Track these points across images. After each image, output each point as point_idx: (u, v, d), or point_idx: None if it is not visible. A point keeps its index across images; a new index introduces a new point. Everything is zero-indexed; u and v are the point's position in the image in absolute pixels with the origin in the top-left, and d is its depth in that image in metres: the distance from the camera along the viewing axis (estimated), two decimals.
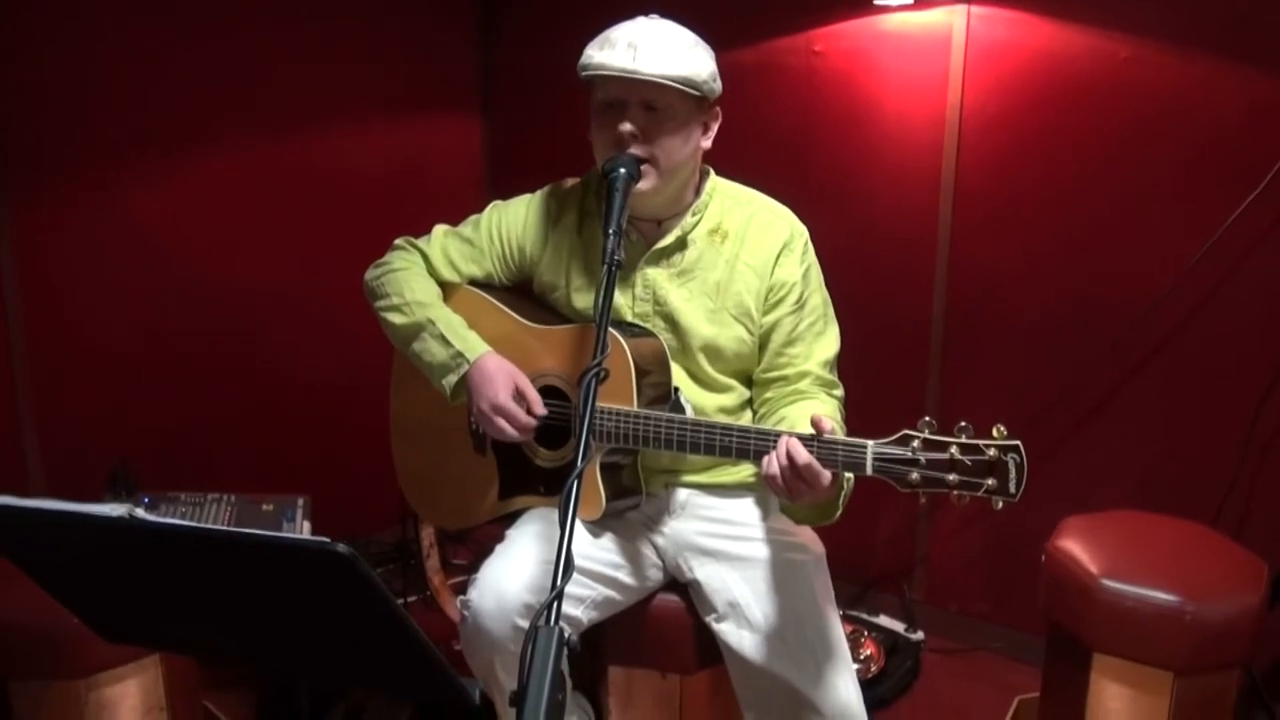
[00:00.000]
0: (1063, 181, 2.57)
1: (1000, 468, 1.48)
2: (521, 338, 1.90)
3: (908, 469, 1.52)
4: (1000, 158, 2.65)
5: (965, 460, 1.49)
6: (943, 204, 2.73)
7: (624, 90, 1.73)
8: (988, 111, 2.64)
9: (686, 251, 1.87)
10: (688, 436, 1.70)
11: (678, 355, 1.87)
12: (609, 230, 1.64)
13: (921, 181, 2.75)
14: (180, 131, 2.75)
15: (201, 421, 2.87)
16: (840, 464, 1.57)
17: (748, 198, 1.92)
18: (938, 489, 1.51)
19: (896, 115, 2.76)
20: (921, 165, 2.74)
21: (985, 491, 1.49)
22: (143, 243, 2.73)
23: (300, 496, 2.17)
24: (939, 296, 2.78)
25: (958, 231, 2.73)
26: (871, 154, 2.81)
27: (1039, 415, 2.65)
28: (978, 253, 2.72)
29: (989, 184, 2.68)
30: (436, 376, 1.87)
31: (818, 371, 1.87)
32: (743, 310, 1.86)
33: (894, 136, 2.77)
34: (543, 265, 1.95)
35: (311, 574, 1.26)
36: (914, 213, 2.78)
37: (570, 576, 1.29)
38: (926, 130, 2.72)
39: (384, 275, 1.97)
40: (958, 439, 1.50)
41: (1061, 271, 2.61)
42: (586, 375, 1.48)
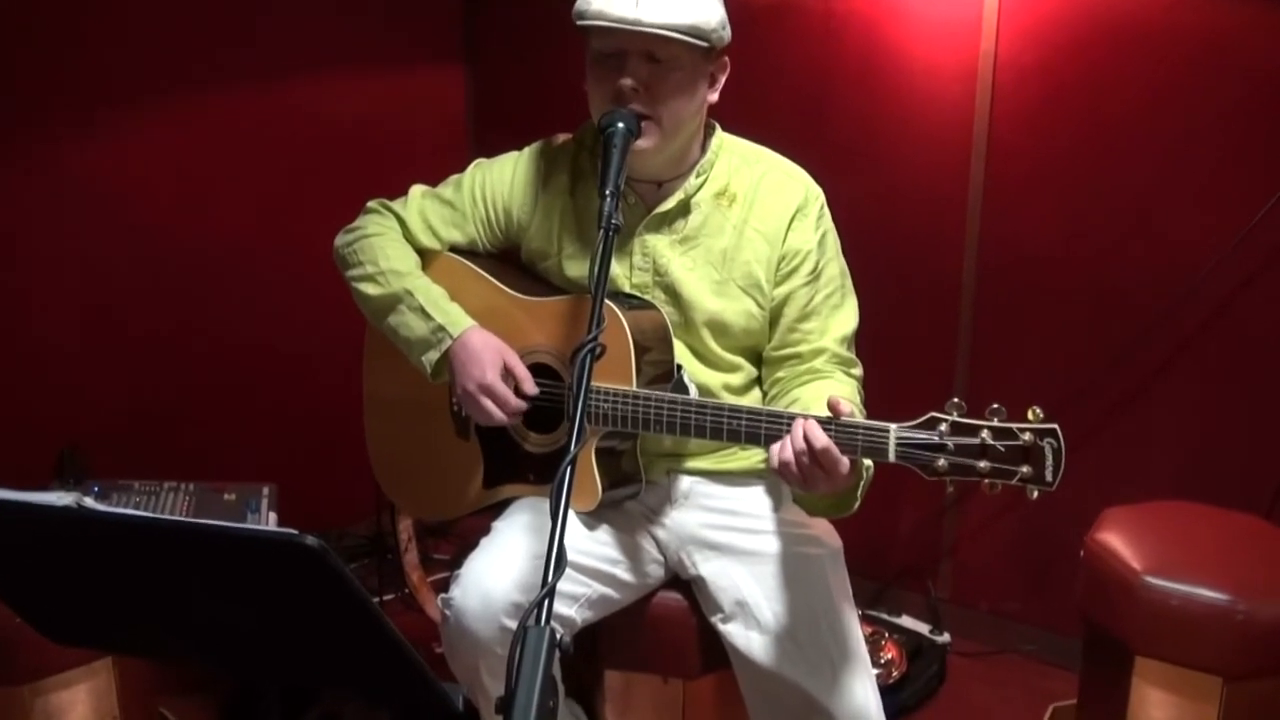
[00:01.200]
0: (1106, 138, 2.57)
1: (1036, 454, 1.48)
2: (508, 310, 1.89)
3: (934, 455, 1.52)
4: (1038, 111, 2.64)
5: (998, 446, 1.49)
6: (974, 163, 2.73)
7: (625, 41, 1.72)
8: (1024, 60, 2.63)
9: (690, 216, 1.87)
10: (692, 419, 1.70)
11: (680, 331, 1.87)
12: (606, 191, 1.64)
13: (950, 138, 2.74)
14: (129, 80, 2.73)
15: (156, 402, 2.87)
16: (860, 450, 1.57)
17: (757, 156, 1.91)
18: (967, 477, 1.51)
19: (923, 65, 2.75)
20: (951, 120, 2.73)
21: (1019, 480, 1.49)
22: (88, 204, 2.72)
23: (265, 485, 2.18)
24: (969, 266, 2.78)
25: (991, 194, 2.73)
26: (896, 108, 2.80)
27: (1078, 396, 2.65)
28: (1013, 217, 2.71)
29: (1025, 141, 2.67)
30: (415, 353, 1.87)
31: (834, 349, 1.87)
32: (751, 281, 1.86)
33: (920, 88, 2.76)
34: (531, 230, 1.95)
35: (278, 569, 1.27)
36: (942, 173, 2.77)
37: (563, 572, 1.29)
38: (956, 81, 2.71)
39: (356, 241, 1.96)
40: (989, 422, 1.50)
41: (1104, 238, 2.61)
42: (580, 351, 1.48)
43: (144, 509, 2.08)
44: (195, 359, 2.94)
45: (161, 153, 2.82)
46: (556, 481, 1.35)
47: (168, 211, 2.84)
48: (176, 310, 2.90)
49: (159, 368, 2.88)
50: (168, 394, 2.89)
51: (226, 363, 2.99)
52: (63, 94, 2.63)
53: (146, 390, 2.86)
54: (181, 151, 2.86)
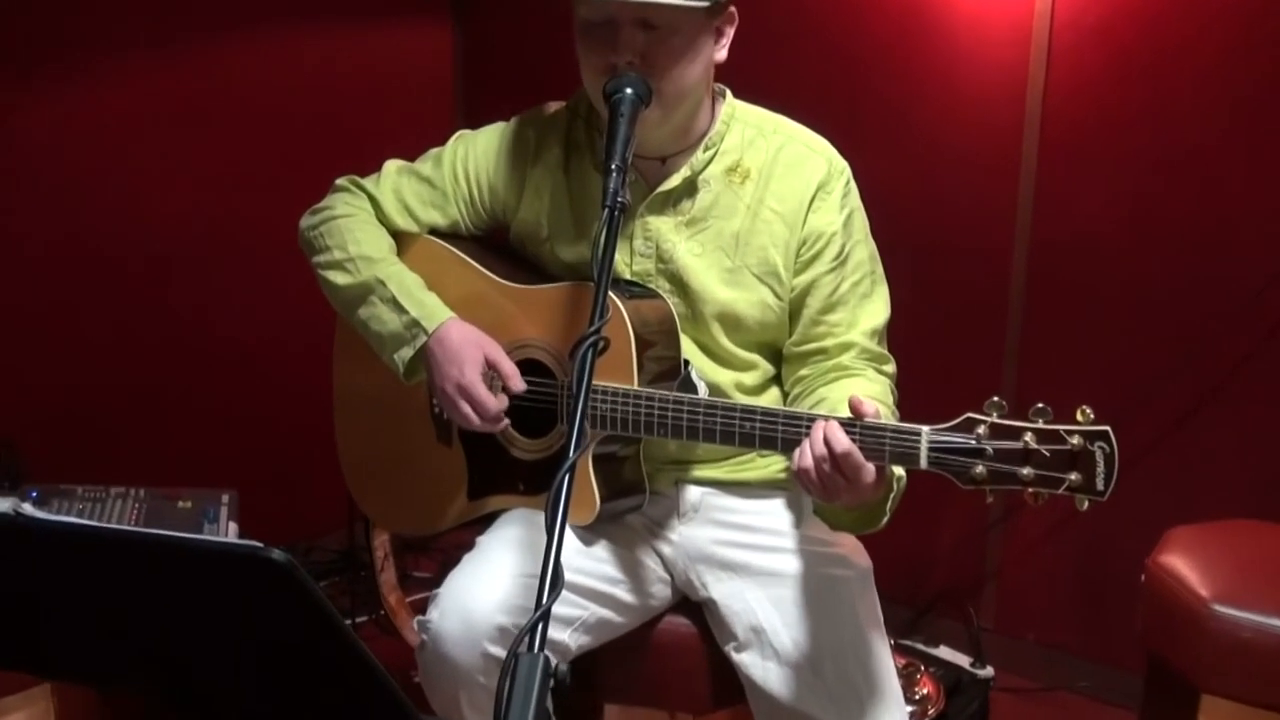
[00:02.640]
0: (1175, 107, 2.57)
1: (1085, 459, 1.48)
2: (495, 299, 1.90)
3: (971, 461, 1.52)
4: (1099, 77, 2.64)
5: (1042, 450, 1.50)
6: (1026, 136, 2.73)
7: (613, 9, 1.72)
8: (1085, 21, 2.63)
9: (697, 196, 1.88)
10: (700, 421, 1.70)
11: (687, 324, 1.87)
12: (612, 165, 1.64)
13: (1000, 107, 2.74)
14: (72, 41, 2.74)
15: (103, 399, 2.89)
16: (889, 455, 1.57)
17: (774, 126, 1.91)
18: (1008, 486, 1.52)
19: (969, 23, 2.75)
20: (1000, 87, 2.74)
21: (1067, 489, 1.49)
22: (26, 181, 2.73)
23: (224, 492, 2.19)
24: (1020, 251, 2.78)
25: (1045, 170, 2.73)
26: (937, 72, 2.80)
27: (1140, 399, 2.65)
28: (1069, 196, 2.72)
29: (1084, 110, 2.67)
30: (388, 349, 1.88)
31: (864, 343, 1.87)
32: (768, 268, 1.86)
33: (966, 50, 2.76)
34: (520, 211, 1.96)
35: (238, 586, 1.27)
36: (990, 146, 2.77)
37: (559, 594, 1.30)
38: (1007, 43, 2.71)
39: (323, 224, 1.97)
40: (1033, 424, 1.50)
41: (1172, 220, 2.61)
42: (581, 345, 1.47)
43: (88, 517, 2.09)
44: (145, 351, 2.96)
45: (111, 127, 2.83)
46: (553, 491, 1.35)
47: (118, 191, 2.86)
48: (126, 299, 2.91)
49: (107, 361, 2.90)
50: (115, 389, 2.91)
51: (180, 356, 3.01)
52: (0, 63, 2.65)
53: (92, 386, 2.88)
54: (133, 124, 2.87)
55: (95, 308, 2.87)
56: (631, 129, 1.69)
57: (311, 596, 1.25)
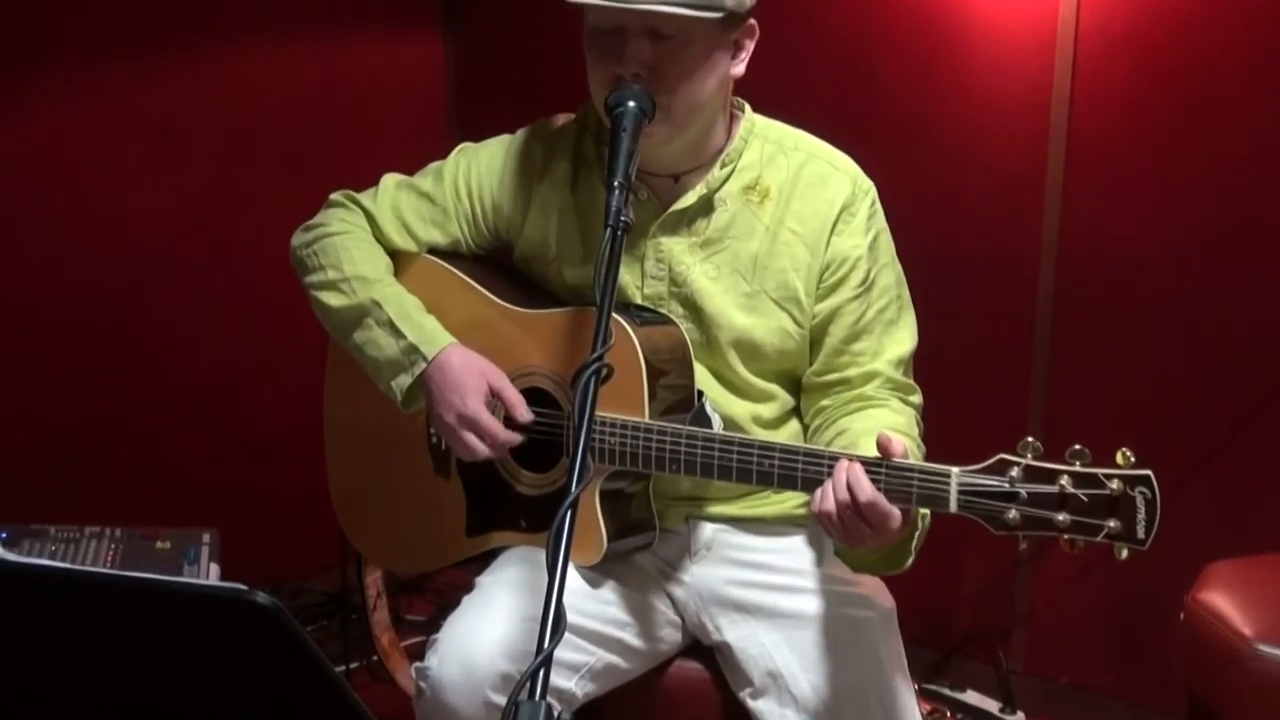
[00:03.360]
0: (1210, 116, 2.57)
1: (1126, 505, 1.49)
2: (498, 324, 1.90)
3: (1004, 506, 1.53)
4: (1128, 87, 2.64)
5: (1080, 495, 1.50)
6: (1052, 151, 2.73)
7: (621, 17, 1.72)
8: (1112, 26, 2.64)
9: (713, 215, 1.88)
10: (715, 457, 1.70)
11: (701, 351, 1.87)
12: (614, 183, 1.64)
13: (1023, 118, 2.75)
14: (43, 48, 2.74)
15: (76, 431, 2.89)
16: (916, 498, 1.57)
17: (794, 142, 1.91)
18: (1043, 532, 1.52)
19: (990, 30, 2.75)
20: (1024, 96, 2.74)
21: (1106, 536, 1.50)
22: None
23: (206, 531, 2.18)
24: (1046, 274, 2.78)
25: (1072, 188, 2.73)
26: (956, 82, 2.81)
27: (1176, 429, 2.64)
28: (1099, 215, 2.72)
29: (1114, 122, 2.67)
30: (385, 376, 1.88)
31: (888, 372, 1.88)
32: (787, 293, 1.86)
33: (987, 59, 2.77)
34: (526, 229, 1.96)
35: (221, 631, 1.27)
36: (1013, 159, 2.78)
37: (561, 637, 1.30)
38: (1030, 51, 2.71)
39: (316, 241, 1.98)
40: (1070, 466, 1.51)
41: (1208, 238, 2.61)
42: (583, 373, 1.48)
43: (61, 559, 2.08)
44: (122, 379, 2.95)
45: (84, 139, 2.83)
46: (554, 529, 1.35)
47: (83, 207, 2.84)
48: (101, 325, 2.91)
49: (77, 389, 2.89)
50: (88, 421, 2.90)
51: (159, 384, 3.01)
52: None
53: (64, 419, 2.87)
54: (108, 137, 2.86)
55: (68, 332, 2.87)
56: (634, 144, 1.69)
57: (299, 642, 1.24)
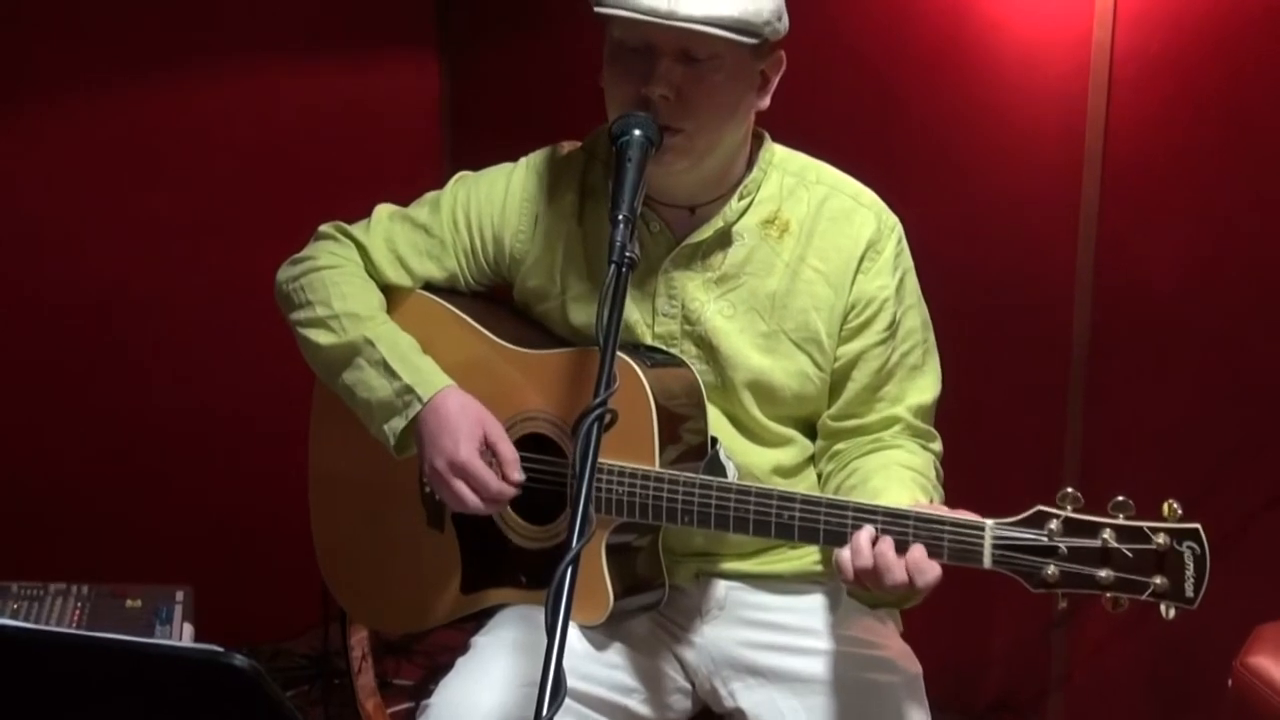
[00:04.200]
0: (1255, 145, 2.58)
1: (1173, 561, 1.49)
2: (497, 365, 1.90)
3: (1042, 561, 1.53)
4: (1168, 115, 2.66)
5: (1123, 550, 1.50)
6: (1086, 183, 2.74)
7: (655, 35, 1.73)
8: (1149, 48, 2.65)
9: (729, 249, 1.88)
10: (730, 508, 1.70)
11: (716, 394, 1.87)
12: (619, 215, 1.65)
13: (1056, 146, 2.76)
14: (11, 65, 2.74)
15: (39, 482, 2.88)
16: (947, 552, 1.58)
17: (816, 175, 1.92)
18: (1085, 590, 1.53)
19: (1020, 54, 2.77)
20: (1056, 124, 2.75)
21: (1151, 595, 1.50)
22: None
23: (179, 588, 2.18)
24: (1082, 312, 2.78)
25: (1108, 219, 2.74)
26: (987, 111, 2.82)
27: (1220, 477, 2.64)
28: (1137, 251, 2.72)
29: (1153, 152, 2.68)
30: (376, 420, 1.88)
31: (908, 419, 1.89)
32: (808, 334, 1.87)
33: (1016, 84, 2.78)
34: (528, 264, 1.96)
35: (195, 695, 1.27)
36: (1046, 193, 2.78)
37: (561, 703, 1.30)
38: (1063, 76, 2.73)
39: (304, 276, 1.98)
40: (1113, 519, 1.51)
41: (1255, 277, 2.61)
42: (586, 419, 1.48)
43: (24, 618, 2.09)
44: (89, 425, 2.95)
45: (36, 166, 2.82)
46: (554, 586, 1.35)
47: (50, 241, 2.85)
48: (63, 364, 2.90)
49: (41, 436, 2.89)
50: (53, 470, 2.90)
51: (130, 430, 3.01)
52: None
53: (26, 467, 2.86)
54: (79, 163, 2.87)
55: (30, 375, 2.87)
56: (640, 175, 1.70)
57: (279, 708, 1.25)
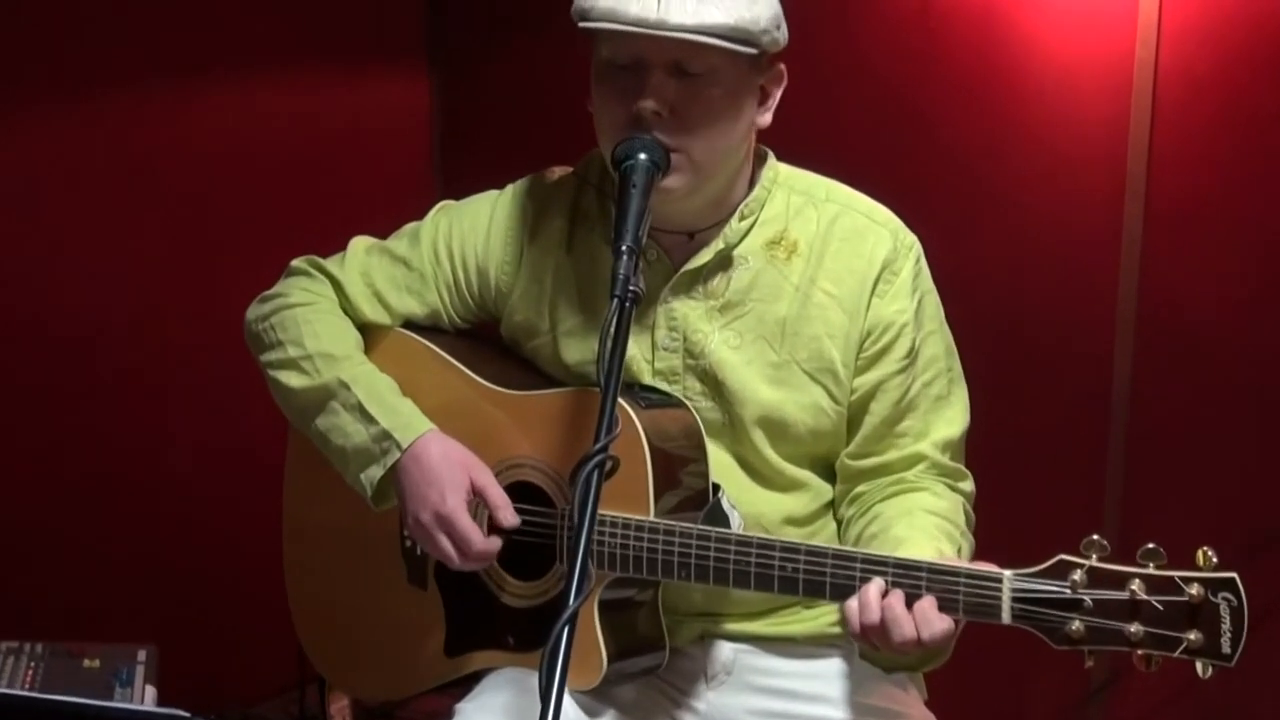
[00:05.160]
0: None
1: (1207, 614, 1.48)
2: (482, 408, 1.91)
3: (1066, 616, 1.53)
4: (1215, 140, 2.67)
5: (1153, 602, 1.50)
6: (1129, 212, 2.74)
7: (645, 48, 1.75)
8: (1195, 68, 2.66)
9: (733, 273, 1.89)
10: (730, 560, 1.70)
11: (724, 435, 1.88)
12: (622, 245, 1.66)
13: (1096, 172, 2.77)
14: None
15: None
16: (963, 606, 1.58)
17: (826, 193, 1.93)
18: (1112, 646, 1.52)
19: (1057, 73, 2.78)
20: (1096, 148, 2.76)
21: (1185, 651, 1.49)
22: None
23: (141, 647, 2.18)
24: (1123, 349, 2.78)
25: (1151, 251, 2.74)
26: (1019, 130, 2.83)
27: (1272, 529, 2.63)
28: (1182, 284, 2.73)
29: (1199, 179, 2.69)
30: (353, 467, 1.89)
31: (934, 456, 1.88)
32: (822, 364, 1.87)
33: (1054, 105, 2.79)
34: (515, 298, 1.97)
35: None
36: (1083, 223, 2.79)
37: None
38: (1103, 98, 2.74)
39: (275, 314, 1.99)
40: (1142, 569, 1.51)
41: None
42: (584, 467, 1.48)
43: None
44: (45, 470, 2.95)
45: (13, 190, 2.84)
46: (548, 648, 1.36)
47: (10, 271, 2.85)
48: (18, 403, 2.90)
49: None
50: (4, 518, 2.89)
51: (91, 476, 3.00)
52: None
53: None
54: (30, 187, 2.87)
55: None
56: (645, 202, 1.71)
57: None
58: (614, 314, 1.61)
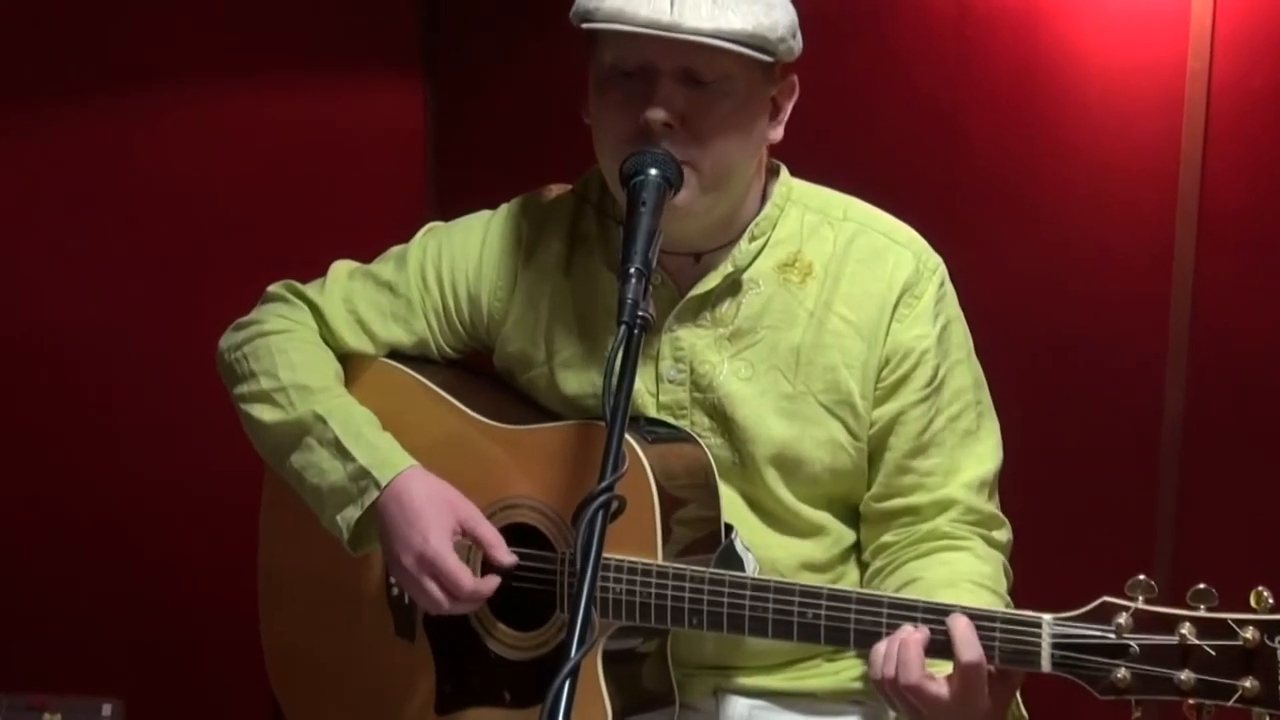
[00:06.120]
0: None
1: (1264, 660, 1.48)
2: (474, 444, 1.92)
3: (1111, 663, 1.53)
4: (1274, 157, 2.67)
5: (1205, 647, 1.50)
6: (1180, 232, 2.75)
7: (654, 53, 1.75)
8: (1250, 81, 2.67)
9: (742, 298, 1.89)
10: (745, 607, 1.70)
11: (733, 474, 1.88)
12: (630, 268, 1.66)
13: (1146, 197, 2.78)
14: None
15: None
16: (999, 654, 1.57)
17: (843, 210, 1.94)
18: (1162, 696, 1.52)
19: (1103, 85, 2.79)
20: (1146, 164, 2.77)
21: (1240, 700, 1.49)
22: None
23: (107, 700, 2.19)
24: (1174, 377, 2.78)
25: (1205, 274, 2.75)
26: (1061, 148, 2.84)
27: None
28: (1239, 310, 2.74)
29: (1255, 200, 2.70)
30: (329, 508, 1.89)
31: (968, 499, 1.87)
32: (839, 396, 1.87)
33: (1100, 119, 2.80)
34: (509, 325, 1.98)
35: None
36: (1131, 244, 2.79)
37: None
38: (1153, 111, 2.75)
39: (248, 343, 1.99)
40: (1193, 611, 1.50)
41: None
42: (588, 507, 1.48)
43: None
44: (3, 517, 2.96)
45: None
46: (548, 705, 1.36)
47: None
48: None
49: None
50: None
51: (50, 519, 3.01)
52: None
53: None
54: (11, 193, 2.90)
55: None
56: (655, 221, 1.71)
57: None
58: (622, 341, 1.61)
